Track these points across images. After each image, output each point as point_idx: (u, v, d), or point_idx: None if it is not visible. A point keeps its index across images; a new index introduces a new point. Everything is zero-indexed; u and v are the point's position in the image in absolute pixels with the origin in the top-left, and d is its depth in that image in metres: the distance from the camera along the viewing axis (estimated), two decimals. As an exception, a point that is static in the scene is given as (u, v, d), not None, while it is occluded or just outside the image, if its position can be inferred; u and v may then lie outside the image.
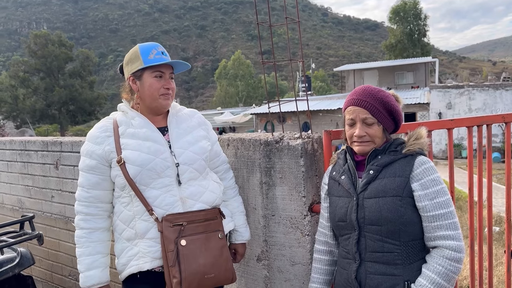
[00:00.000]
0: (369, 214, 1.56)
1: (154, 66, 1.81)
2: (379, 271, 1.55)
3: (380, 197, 1.54)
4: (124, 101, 1.94)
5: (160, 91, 1.83)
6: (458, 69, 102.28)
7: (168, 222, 1.75)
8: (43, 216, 3.72)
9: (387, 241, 1.54)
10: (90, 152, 1.82)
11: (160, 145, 1.82)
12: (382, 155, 1.61)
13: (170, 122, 1.92)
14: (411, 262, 1.53)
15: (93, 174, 1.82)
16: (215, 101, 60.22)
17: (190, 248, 1.76)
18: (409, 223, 1.52)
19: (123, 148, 1.79)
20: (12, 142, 4.00)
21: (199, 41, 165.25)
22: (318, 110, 21.80)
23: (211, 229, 1.85)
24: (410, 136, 1.64)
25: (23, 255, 2.63)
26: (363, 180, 1.61)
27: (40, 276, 3.92)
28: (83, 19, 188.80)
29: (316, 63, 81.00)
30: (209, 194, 1.90)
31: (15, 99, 38.12)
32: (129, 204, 1.81)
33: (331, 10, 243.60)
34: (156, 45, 1.87)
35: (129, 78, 1.87)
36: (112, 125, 1.86)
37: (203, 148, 1.94)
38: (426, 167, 1.54)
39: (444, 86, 20.85)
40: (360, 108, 1.61)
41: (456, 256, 1.47)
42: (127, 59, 1.89)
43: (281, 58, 2.12)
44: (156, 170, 1.78)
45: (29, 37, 42.77)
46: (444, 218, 1.50)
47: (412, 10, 44.32)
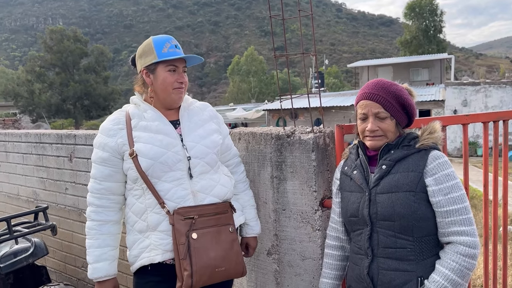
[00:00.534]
0: (381, 210, 1.54)
1: (168, 60, 1.82)
2: (391, 267, 1.53)
3: (393, 192, 1.52)
4: (137, 93, 1.94)
5: (174, 85, 1.84)
6: (474, 66, 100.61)
7: (180, 215, 1.76)
8: (57, 208, 3.77)
9: (400, 237, 1.52)
10: (103, 144, 1.83)
11: (172, 139, 1.83)
12: (395, 149, 1.59)
13: (182, 115, 1.93)
14: (425, 258, 1.51)
15: (106, 166, 1.83)
16: (228, 97, 60.29)
17: (201, 242, 1.77)
18: (422, 218, 1.50)
19: (135, 141, 1.80)
20: (27, 135, 4.06)
21: (212, 37, 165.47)
22: (331, 107, 21.67)
23: (221, 223, 1.86)
24: (424, 130, 1.62)
25: (37, 245, 2.67)
26: (375, 175, 1.59)
27: (54, 267, 3.98)
28: (98, 14, 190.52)
29: (330, 59, 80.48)
30: (220, 188, 1.91)
31: (31, 93, 38.67)
32: (141, 197, 1.82)
33: (345, 5, 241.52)
34: (169, 38, 1.87)
35: (142, 71, 1.87)
36: (125, 117, 1.87)
37: (215, 141, 1.94)
38: (440, 162, 1.52)
39: (460, 83, 20.53)
40: (373, 102, 1.58)
41: (470, 252, 1.44)
42: (140, 52, 1.89)
43: (298, 54, 2.10)
44: (168, 163, 1.79)
45: (45, 32, 43.28)
46: (458, 214, 1.47)
47: (428, 6, 43.67)
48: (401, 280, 1.51)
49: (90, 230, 1.85)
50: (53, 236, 2.88)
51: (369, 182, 1.61)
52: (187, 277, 1.72)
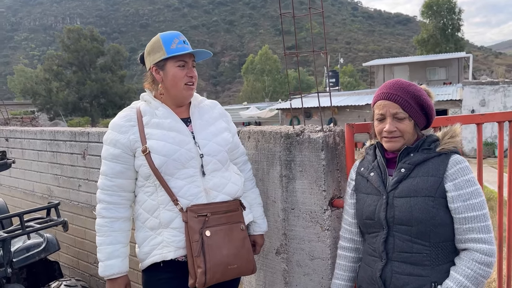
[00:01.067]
0: (399, 214, 1.51)
1: (177, 56, 1.82)
2: (405, 271, 1.51)
3: (412, 196, 1.49)
4: (147, 90, 1.95)
5: (184, 79, 1.84)
6: (493, 65, 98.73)
7: (193, 212, 1.77)
8: (70, 204, 3.82)
9: (416, 242, 1.49)
10: (114, 141, 1.83)
11: (184, 136, 1.84)
12: (414, 152, 1.55)
13: (193, 113, 1.93)
14: (440, 264, 1.48)
15: (117, 163, 1.83)
16: (242, 96, 60.34)
17: (214, 239, 1.77)
18: (440, 224, 1.47)
19: (148, 138, 1.81)
20: (42, 132, 4.12)
21: (227, 36, 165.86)
22: (345, 106, 21.50)
23: (233, 221, 1.87)
24: (445, 133, 1.57)
25: (49, 240, 2.71)
26: (393, 178, 1.56)
27: (67, 262, 4.04)
28: (115, 14, 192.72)
29: (345, 58, 79.86)
30: (232, 186, 1.92)
31: (49, 92, 39.32)
32: (153, 194, 1.82)
33: (361, 4, 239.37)
34: (177, 34, 1.88)
35: (151, 68, 1.88)
36: (136, 114, 1.87)
37: (226, 139, 1.95)
38: (461, 167, 1.48)
39: (478, 82, 20.15)
40: (391, 102, 1.55)
41: (487, 260, 1.41)
42: (148, 49, 1.90)
43: (309, 52, 2.08)
44: (181, 160, 1.79)
45: (63, 31, 43.98)
46: (476, 221, 1.44)
47: (446, 4, 42.97)
48: (415, 285, 1.48)
49: (101, 227, 1.86)
50: (64, 232, 2.92)
51: (387, 185, 1.58)
52: (201, 274, 1.72)
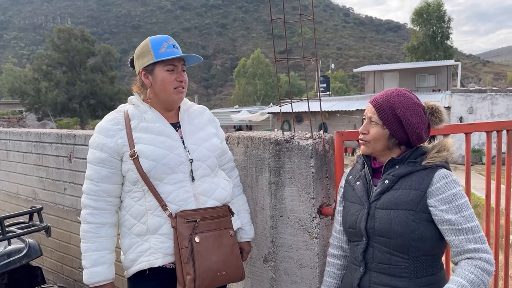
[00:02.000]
0: (379, 225, 1.49)
1: (166, 60, 1.79)
2: (383, 282, 1.50)
3: (393, 209, 1.48)
4: (136, 94, 1.91)
5: (173, 84, 1.81)
6: (481, 73, 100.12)
7: (182, 218, 1.74)
8: (55, 208, 3.75)
9: (395, 254, 1.48)
10: (101, 144, 1.79)
11: (174, 141, 1.81)
12: (400, 164, 1.54)
13: (182, 118, 1.90)
14: (419, 277, 1.46)
15: (103, 167, 1.79)
16: (233, 99, 60.39)
17: (204, 245, 1.75)
18: (420, 238, 1.44)
19: (136, 142, 1.77)
20: (28, 134, 4.05)
21: (219, 39, 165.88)
22: (335, 111, 21.61)
23: (222, 227, 1.84)
24: (433, 147, 1.55)
25: (31, 246, 2.65)
26: (377, 189, 1.55)
27: (51, 267, 3.96)
28: (106, 15, 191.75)
29: (336, 63, 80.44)
30: (221, 191, 1.90)
31: (37, 92, 38.88)
32: (141, 199, 1.78)
33: (353, 10, 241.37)
34: (166, 37, 1.85)
35: (140, 72, 1.84)
36: (124, 118, 1.83)
37: (215, 145, 1.94)
38: (447, 181, 1.46)
39: (466, 90, 20.39)
40: (371, 106, 1.58)
41: (489, 268, 1.39)
42: (137, 53, 1.86)
43: (299, 58, 2.07)
44: (171, 165, 1.76)
45: (53, 31, 43.59)
46: (472, 232, 1.42)
47: (435, 12, 43.55)
48: None
49: (86, 233, 1.80)
50: (49, 237, 2.86)
51: (370, 195, 1.57)
52: (190, 281, 1.69)
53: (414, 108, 1.53)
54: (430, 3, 43.90)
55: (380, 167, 1.59)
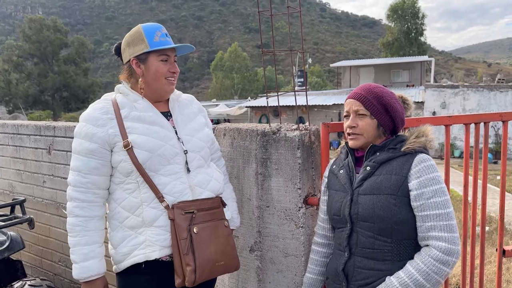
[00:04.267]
0: (362, 211, 1.55)
1: (160, 49, 1.75)
2: (367, 266, 1.55)
3: (375, 194, 1.53)
4: (124, 82, 1.84)
5: (166, 74, 1.77)
6: (453, 69, 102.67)
7: (180, 209, 1.71)
8: (34, 201, 3.68)
9: (378, 238, 1.53)
10: (91, 134, 1.70)
11: (168, 131, 1.77)
12: (380, 151, 1.59)
13: (173, 107, 1.87)
14: (401, 260, 1.52)
15: (92, 158, 1.71)
16: (210, 93, 60.03)
17: (202, 236, 1.73)
18: (402, 222, 1.50)
19: (129, 132, 1.71)
20: (4, 126, 3.94)
21: (195, 32, 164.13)
22: (313, 105, 21.81)
23: (217, 217, 1.83)
24: (411, 133, 1.62)
25: (13, 239, 2.60)
26: (359, 176, 1.60)
27: (30, 261, 3.89)
28: (79, 5, 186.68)
29: (313, 58, 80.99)
30: (214, 183, 1.88)
31: (8, 83, 37.67)
32: (135, 191, 1.73)
33: (329, 5, 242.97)
34: (159, 26, 1.80)
35: (131, 61, 1.78)
36: (112, 107, 1.76)
37: (208, 135, 1.93)
38: (426, 165, 1.51)
39: (439, 85, 20.92)
40: (354, 100, 1.62)
41: (443, 258, 1.41)
42: (128, 40, 1.80)
43: (286, 50, 2.09)
44: (166, 156, 1.73)
45: (23, 21, 42.20)
46: (439, 219, 1.45)
47: (410, 9, 44.37)
48: (375, 279, 1.52)
49: (75, 226, 1.72)
50: (29, 230, 2.81)
51: (353, 182, 1.62)
52: (191, 272, 1.66)
53: (393, 96, 1.65)
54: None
55: (363, 156, 1.65)
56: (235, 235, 2.24)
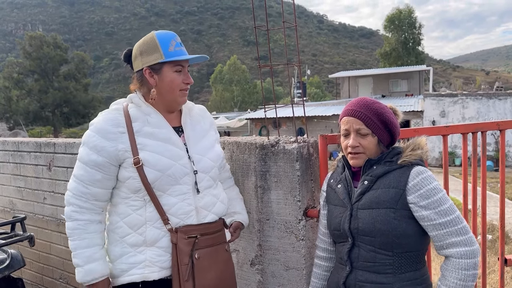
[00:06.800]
0: (362, 225, 1.55)
1: (175, 60, 1.68)
2: (369, 280, 1.54)
3: (374, 208, 1.53)
4: (138, 92, 1.77)
5: (180, 86, 1.72)
6: (451, 78, 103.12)
7: (183, 233, 1.66)
8: (34, 218, 3.68)
9: (379, 252, 1.53)
10: (100, 147, 1.64)
11: (179, 149, 1.71)
12: (377, 165, 1.60)
13: (185, 122, 1.80)
14: (403, 272, 1.52)
15: (98, 171, 1.66)
16: (210, 106, 60.20)
17: (202, 262, 1.68)
18: (402, 235, 1.50)
19: (140, 149, 1.65)
20: (4, 143, 3.96)
21: (195, 46, 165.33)
22: (312, 116, 21.86)
23: (218, 241, 1.78)
24: (407, 146, 1.62)
25: (13, 256, 2.59)
26: (357, 190, 1.60)
27: (31, 279, 3.87)
28: (79, 21, 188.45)
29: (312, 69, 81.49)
30: (220, 205, 1.83)
31: (8, 100, 37.87)
32: (140, 209, 1.68)
33: (326, 17, 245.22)
34: (173, 35, 1.73)
35: (144, 70, 1.70)
36: (124, 118, 1.69)
37: (218, 154, 1.87)
38: (423, 177, 1.52)
39: (438, 94, 20.99)
40: (354, 118, 1.60)
41: (471, 263, 1.44)
42: (141, 49, 1.72)
43: (283, 64, 2.11)
44: (176, 176, 1.67)
45: (24, 38, 42.56)
46: (452, 225, 1.47)
47: (407, 19, 44.74)
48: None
49: (74, 230, 1.67)
50: (30, 247, 2.80)
51: (352, 197, 1.62)
52: None
53: (388, 109, 1.65)
54: (401, 10, 45.08)
55: (360, 170, 1.65)
56: (235, 249, 2.24)
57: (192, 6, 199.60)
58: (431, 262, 2.28)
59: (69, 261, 3.45)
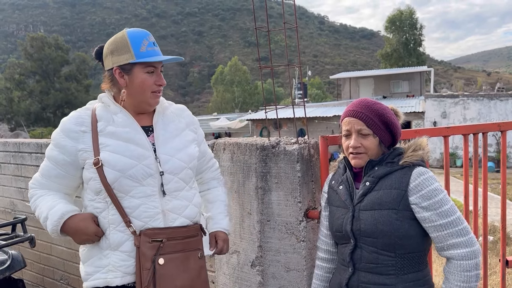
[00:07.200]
0: (364, 227, 1.55)
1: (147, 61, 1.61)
2: (371, 281, 1.54)
3: (376, 209, 1.53)
4: (107, 91, 1.72)
5: (152, 87, 1.65)
6: (453, 79, 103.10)
7: (147, 237, 1.59)
8: (35, 219, 3.67)
9: (382, 253, 1.53)
10: (61, 145, 1.63)
11: (144, 149, 1.64)
12: (378, 166, 1.60)
13: (156, 122, 1.73)
14: (405, 273, 1.52)
15: (55, 167, 1.65)
16: (211, 107, 60.28)
17: (168, 268, 1.60)
18: (405, 236, 1.50)
19: (101, 149, 1.60)
20: (5, 144, 3.96)
21: (196, 47, 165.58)
22: (313, 117, 21.85)
23: (190, 247, 1.70)
24: (409, 147, 1.63)
25: (14, 257, 2.59)
26: (359, 192, 1.60)
27: (31, 279, 3.87)
28: (80, 22, 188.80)
29: (312, 70, 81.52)
30: (192, 209, 1.75)
31: (10, 101, 37.97)
32: (104, 211, 1.63)
33: (327, 18, 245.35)
34: (146, 33, 1.66)
35: (114, 70, 1.64)
36: (90, 118, 1.65)
37: (191, 155, 1.77)
38: (425, 178, 1.52)
39: (439, 95, 20.98)
40: (356, 119, 1.60)
41: (472, 263, 1.45)
42: (112, 47, 1.65)
43: (283, 65, 2.11)
44: (138, 177, 1.60)
45: (25, 39, 42.69)
46: (453, 226, 1.47)
47: (408, 20, 44.74)
48: None
49: (35, 200, 1.67)
50: (31, 248, 2.80)
51: (354, 198, 1.62)
52: None
53: (390, 110, 1.65)
54: (402, 11, 45.08)
55: (361, 171, 1.65)
56: (236, 250, 2.24)
57: (193, 7, 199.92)
58: (432, 264, 2.27)
59: (70, 262, 3.46)
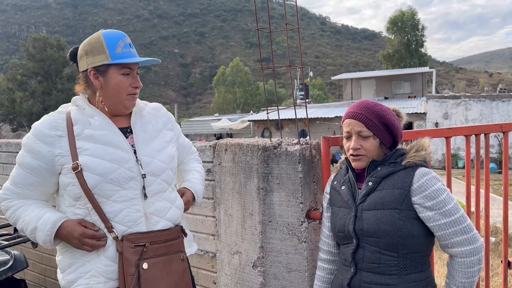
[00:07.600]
0: (367, 226, 1.55)
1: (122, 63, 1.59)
2: (373, 281, 1.55)
3: (379, 209, 1.54)
4: (81, 94, 1.68)
5: (128, 90, 1.62)
6: (455, 79, 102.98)
7: (129, 242, 1.57)
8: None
9: (384, 253, 1.53)
10: (36, 151, 1.56)
11: (124, 152, 1.61)
12: (381, 166, 1.60)
13: (135, 123, 1.70)
14: (408, 274, 1.52)
15: (30, 175, 1.58)
16: (213, 107, 60.32)
17: (152, 272, 1.58)
18: (407, 236, 1.51)
19: (79, 153, 1.55)
20: (8, 144, 3.97)
21: (197, 48, 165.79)
22: (315, 118, 21.85)
23: (173, 250, 1.68)
24: (411, 147, 1.63)
25: (16, 258, 2.60)
26: (362, 192, 1.61)
27: (33, 280, 3.88)
28: (82, 23, 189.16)
29: (314, 71, 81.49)
30: (174, 211, 1.73)
31: (12, 102, 38.07)
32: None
33: (329, 19, 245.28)
34: (122, 35, 1.63)
35: (89, 71, 1.60)
36: (65, 121, 1.60)
37: (170, 155, 1.76)
38: (428, 178, 1.53)
39: (441, 96, 20.95)
40: (356, 121, 1.61)
41: (475, 259, 1.48)
42: (87, 48, 1.62)
43: (285, 66, 2.11)
44: (119, 181, 1.57)
45: (27, 40, 42.82)
46: (456, 224, 1.49)
47: (409, 21, 44.70)
48: None
49: (14, 212, 1.60)
50: (33, 249, 2.81)
51: (356, 198, 1.63)
52: None
53: (390, 111, 1.66)
54: (404, 12, 45.06)
55: (363, 171, 1.65)
56: (238, 251, 2.24)
57: (195, 8, 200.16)
58: (434, 265, 2.27)
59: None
